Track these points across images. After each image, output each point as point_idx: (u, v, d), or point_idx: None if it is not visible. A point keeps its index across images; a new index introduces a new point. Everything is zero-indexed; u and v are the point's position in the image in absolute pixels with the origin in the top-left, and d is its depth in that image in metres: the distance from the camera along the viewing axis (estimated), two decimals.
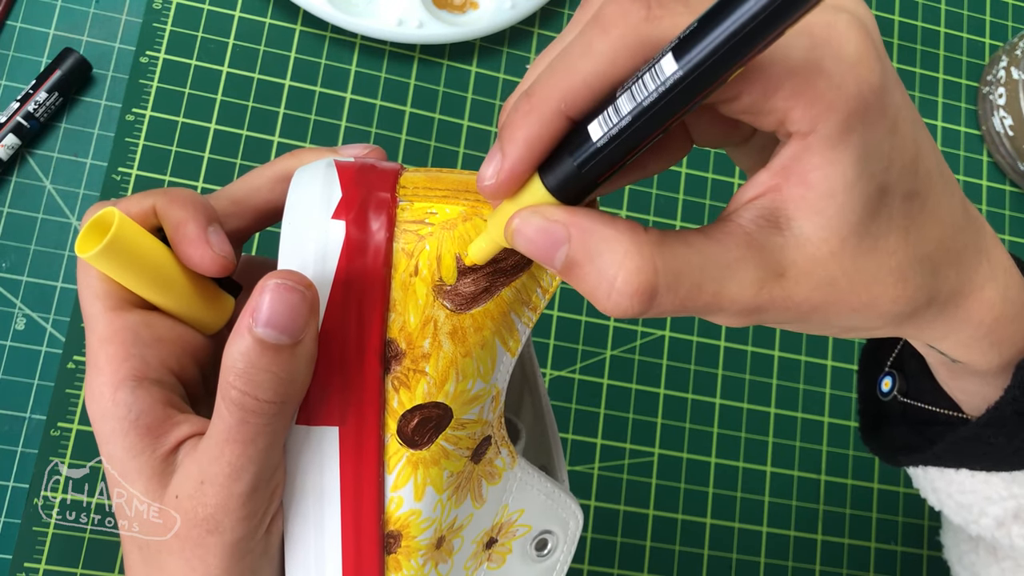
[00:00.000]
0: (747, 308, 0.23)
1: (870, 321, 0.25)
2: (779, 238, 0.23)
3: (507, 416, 0.35)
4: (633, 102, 0.21)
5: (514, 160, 0.23)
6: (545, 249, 0.23)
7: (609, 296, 0.22)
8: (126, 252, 0.27)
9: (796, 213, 0.23)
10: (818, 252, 0.23)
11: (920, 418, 0.36)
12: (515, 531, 0.32)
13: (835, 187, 0.22)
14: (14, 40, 0.54)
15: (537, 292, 0.28)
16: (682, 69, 0.20)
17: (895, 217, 0.23)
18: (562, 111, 0.22)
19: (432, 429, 0.27)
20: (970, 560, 0.39)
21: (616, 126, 0.21)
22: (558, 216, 0.23)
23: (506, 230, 0.24)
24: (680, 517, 0.57)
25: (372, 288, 0.26)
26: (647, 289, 0.22)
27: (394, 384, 0.27)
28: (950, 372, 0.32)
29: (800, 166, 0.22)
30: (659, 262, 0.22)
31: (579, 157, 0.22)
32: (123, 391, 0.27)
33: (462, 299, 0.26)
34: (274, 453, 0.26)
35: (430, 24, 0.56)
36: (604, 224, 0.22)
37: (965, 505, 0.34)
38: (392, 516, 0.28)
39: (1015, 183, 0.65)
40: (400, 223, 0.26)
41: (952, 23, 0.67)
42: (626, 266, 0.22)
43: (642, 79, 0.21)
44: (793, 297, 0.23)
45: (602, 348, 0.57)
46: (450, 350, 0.27)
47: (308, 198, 0.27)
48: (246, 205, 0.31)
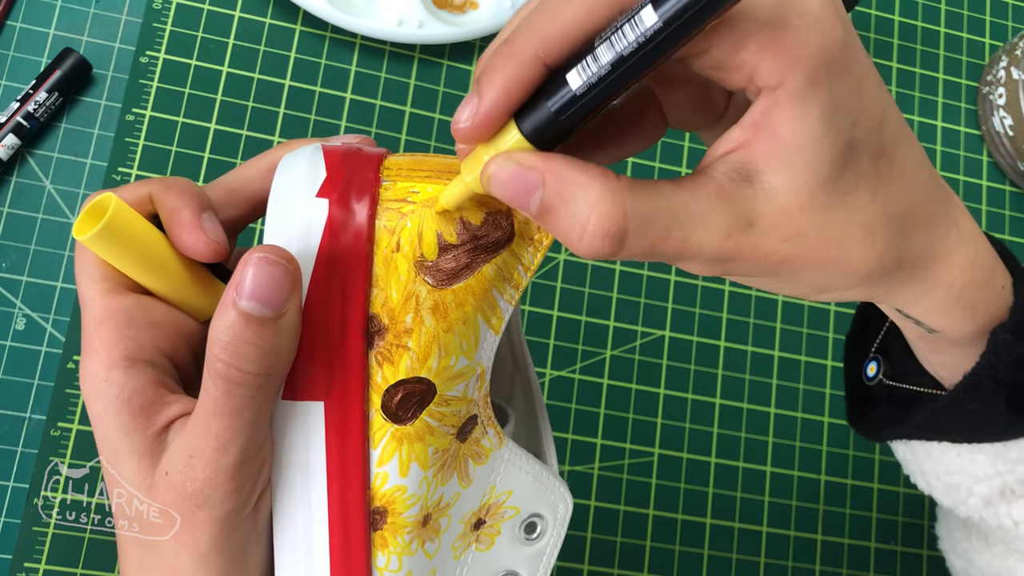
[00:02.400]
0: (715, 255, 0.23)
1: (840, 280, 0.25)
2: (749, 191, 0.23)
3: (497, 402, 0.35)
4: (612, 52, 0.21)
5: (490, 103, 0.23)
6: (519, 194, 0.23)
7: (582, 238, 0.23)
8: (122, 236, 0.28)
9: (766, 167, 0.23)
10: (787, 205, 0.23)
11: (904, 398, 0.36)
12: (503, 512, 0.32)
13: (803, 141, 0.23)
14: (14, 40, 0.54)
15: (519, 269, 0.28)
16: (661, 20, 0.21)
17: (863, 174, 0.24)
18: (540, 57, 0.22)
19: (416, 404, 0.28)
20: (964, 548, 0.40)
21: (595, 75, 0.22)
22: (533, 162, 0.23)
23: (481, 176, 0.24)
24: (680, 517, 0.57)
25: (355, 264, 0.26)
26: (617, 231, 0.23)
27: (377, 359, 0.27)
28: (929, 346, 0.32)
29: (769, 120, 0.23)
30: (629, 206, 0.23)
31: (556, 104, 0.22)
32: (116, 371, 0.27)
33: (443, 275, 0.27)
34: (260, 426, 0.26)
35: (430, 24, 0.57)
36: (577, 170, 0.23)
37: (953, 486, 0.35)
38: (378, 492, 0.28)
39: (1015, 183, 0.65)
40: (383, 202, 0.27)
41: (952, 23, 0.67)
42: (598, 210, 0.22)
43: (621, 29, 0.21)
44: (761, 247, 0.24)
45: (602, 348, 0.57)
46: (432, 325, 0.27)
47: (293, 178, 0.27)
48: (240, 194, 0.31)
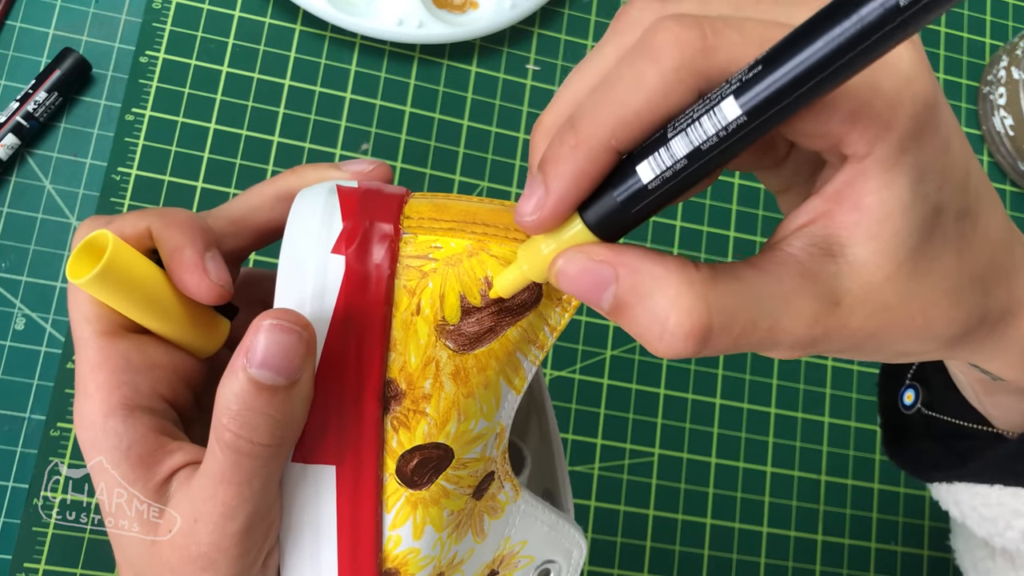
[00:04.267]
0: (802, 341, 0.22)
1: (924, 344, 0.24)
2: (832, 266, 0.22)
3: (512, 439, 0.34)
4: (689, 145, 0.20)
5: (558, 195, 0.21)
6: (591, 290, 0.22)
7: (661, 338, 0.21)
8: (120, 278, 0.26)
9: (850, 239, 0.22)
10: (873, 278, 0.22)
11: (946, 431, 0.35)
12: (517, 562, 0.31)
13: (891, 211, 0.21)
14: (14, 40, 0.54)
15: (544, 330, 0.27)
16: (745, 114, 0.19)
17: (949, 238, 0.22)
18: (612, 146, 0.21)
19: (432, 470, 0.26)
20: (986, 567, 0.39)
21: (670, 168, 0.20)
22: (604, 255, 0.22)
23: (549, 271, 0.23)
24: (680, 517, 0.56)
25: (372, 327, 0.25)
26: (701, 330, 0.21)
27: (393, 424, 0.26)
28: (987, 388, 0.31)
29: (854, 191, 0.21)
30: (712, 301, 0.21)
31: (624, 195, 0.21)
32: (114, 420, 0.26)
33: (465, 339, 0.25)
34: (269, 492, 0.25)
35: (430, 24, 0.56)
36: (653, 262, 0.21)
37: (990, 518, 0.34)
38: (390, 554, 0.27)
39: (1015, 183, 0.65)
40: (403, 258, 0.25)
41: (952, 23, 0.67)
42: (678, 306, 0.21)
43: (699, 121, 0.19)
44: (848, 326, 0.22)
45: (602, 348, 0.57)
46: (452, 391, 0.26)
47: (307, 229, 0.25)
48: (245, 225, 0.30)
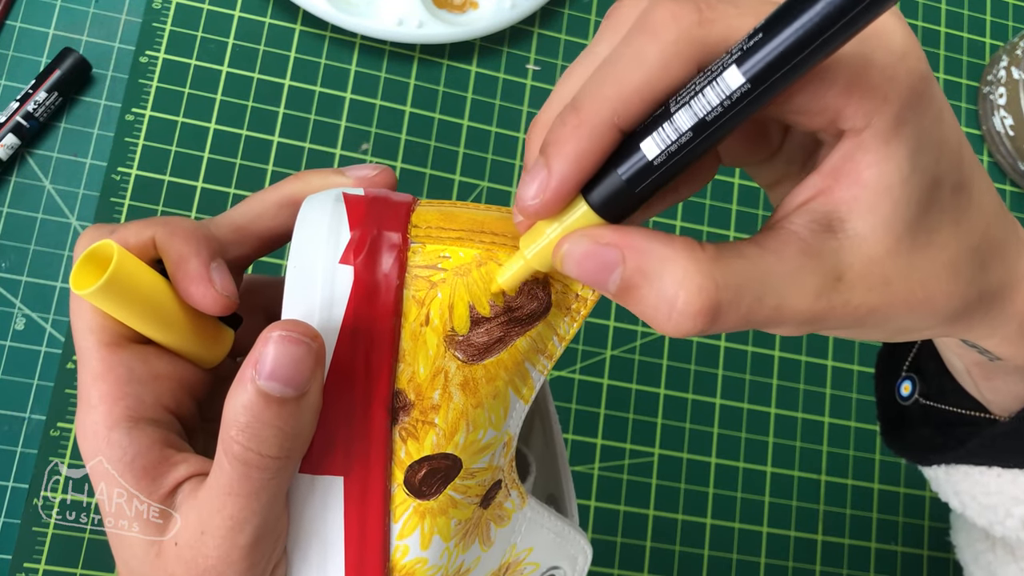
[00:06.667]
0: (807, 318, 0.22)
1: (924, 320, 0.24)
2: (834, 242, 0.22)
3: (517, 446, 0.34)
4: (694, 117, 0.20)
5: (562, 177, 0.21)
6: (597, 273, 0.22)
7: (670, 317, 0.21)
8: (125, 289, 0.26)
9: (850, 214, 0.22)
10: (874, 252, 0.22)
11: (944, 419, 0.35)
12: (523, 569, 0.31)
13: (891, 183, 0.21)
14: (14, 40, 0.54)
15: (553, 340, 0.26)
16: (749, 81, 0.19)
17: (946, 210, 0.23)
18: (615, 124, 0.21)
19: (440, 480, 0.26)
20: (987, 560, 0.39)
21: (675, 142, 0.20)
22: (609, 237, 0.22)
23: (554, 255, 0.23)
24: (680, 517, 0.56)
25: (381, 338, 0.25)
26: (710, 308, 0.21)
27: (401, 435, 0.26)
28: (984, 372, 0.31)
29: (853, 165, 0.22)
30: (719, 279, 0.21)
31: (629, 173, 0.21)
32: (118, 432, 0.26)
33: (475, 350, 0.25)
34: (277, 504, 0.25)
35: (430, 24, 0.56)
36: (660, 243, 0.21)
37: (990, 506, 0.34)
38: (397, 564, 0.27)
39: (1015, 183, 0.65)
40: (411, 268, 0.25)
41: (952, 23, 0.67)
42: (687, 285, 0.21)
43: (702, 92, 0.19)
44: (851, 301, 0.22)
45: (602, 348, 0.57)
46: (461, 401, 0.26)
47: (315, 239, 0.25)
48: (249, 232, 0.29)
